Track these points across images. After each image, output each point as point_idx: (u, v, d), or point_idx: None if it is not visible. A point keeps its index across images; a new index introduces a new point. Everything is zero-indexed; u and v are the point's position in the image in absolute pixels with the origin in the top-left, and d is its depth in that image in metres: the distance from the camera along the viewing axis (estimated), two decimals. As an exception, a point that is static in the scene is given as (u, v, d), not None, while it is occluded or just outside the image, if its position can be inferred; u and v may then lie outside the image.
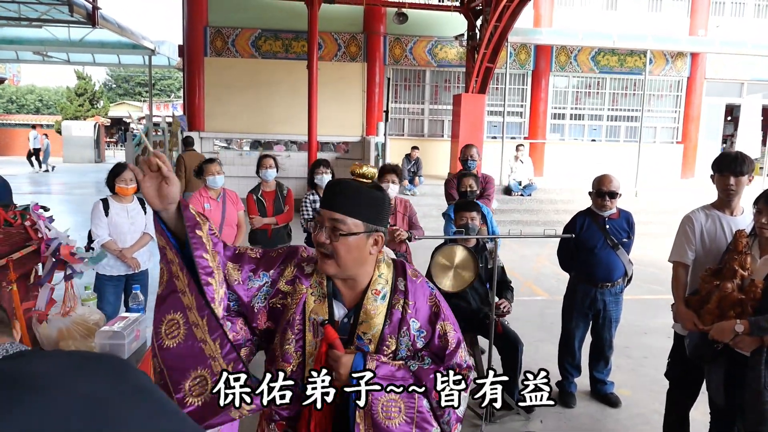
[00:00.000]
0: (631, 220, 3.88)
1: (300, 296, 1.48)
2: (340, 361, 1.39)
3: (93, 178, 17.91)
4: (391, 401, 1.38)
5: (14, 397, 0.90)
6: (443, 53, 13.35)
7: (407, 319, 1.49)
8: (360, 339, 1.47)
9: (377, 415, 1.37)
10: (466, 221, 3.74)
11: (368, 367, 1.38)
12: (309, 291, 1.49)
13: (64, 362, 1.06)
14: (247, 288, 1.48)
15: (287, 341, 1.47)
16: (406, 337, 1.49)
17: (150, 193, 1.36)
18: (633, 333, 5.20)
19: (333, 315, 1.48)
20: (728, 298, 2.49)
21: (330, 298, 1.49)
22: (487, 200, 5.25)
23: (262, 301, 1.48)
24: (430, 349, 1.52)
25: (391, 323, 1.48)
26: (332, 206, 1.44)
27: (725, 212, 2.93)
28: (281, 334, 1.49)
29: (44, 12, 12.29)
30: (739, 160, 2.82)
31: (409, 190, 10.87)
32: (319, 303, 1.48)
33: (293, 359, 1.46)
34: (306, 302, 1.48)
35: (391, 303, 1.50)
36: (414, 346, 1.50)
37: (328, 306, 1.48)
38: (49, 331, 2.23)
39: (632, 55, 13.80)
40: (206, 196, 4.58)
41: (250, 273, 1.49)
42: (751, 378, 2.39)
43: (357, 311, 1.49)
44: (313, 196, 4.89)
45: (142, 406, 1.07)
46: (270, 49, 12.91)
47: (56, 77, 53.49)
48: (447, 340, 1.52)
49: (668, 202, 11.01)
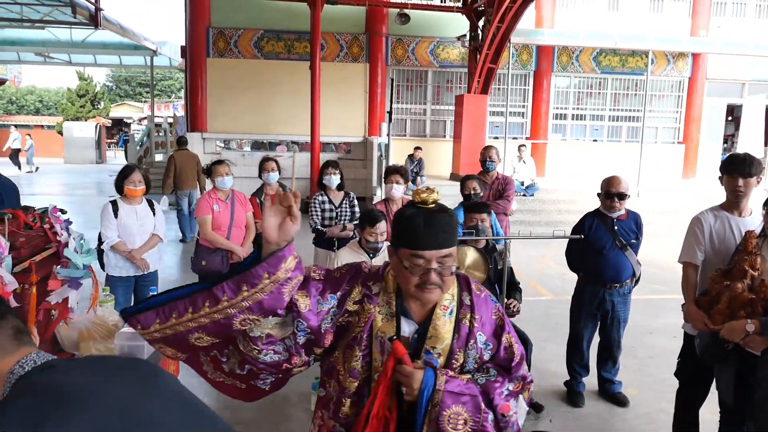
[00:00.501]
0: (640, 221, 3.91)
1: (368, 315, 1.50)
2: (412, 376, 1.42)
3: (94, 178, 17.91)
4: (457, 414, 1.42)
5: (58, 412, 0.91)
6: (445, 54, 13.38)
7: (474, 332, 1.53)
8: (429, 353, 1.51)
9: (443, 426, 1.42)
10: (476, 222, 3.76)
11: (439, 381, 1.43)
12: (377, 310, 1.51)
13: (96, 371, 1.08)
14: (317, 312, 1.47)
15: (354, 358, 1.49)
16: (474, 350, 1.53)
17: (271, 225, 1.35)
18: (638, 333, 5.23)
19: (401, 332, 1.51)
20: (738, 298, 2.51)
21: (398, 316, 1.51)
22: (506, 201, 5.26)
23: (329, 323, 1.48)
24: (495, 361, 1.56)
25: (460, 337, 1.52)
26: (438, 245, 1.44)
27: (734, 213, 2.96)
28: (346, 351, 1.51)
29: (47, 13, 12.31)
30: (748, 161, 2.85)
31: (411, 190, 10.89)
32: (387, 321, 1.51)
33: (359, 375, 1.50)
34: (374, 321, 1.50)
35: (458, 318, 1.53)
36: (481, 358, 1.54)
37: (396, 324, 1.51)
38: (70, 333, 2.26)
39: (634, 55, 13.83)
40: (215, 198, 4.61)
41: (318, 296, 1.48)
42: (762, 377, 2.42)
43: (425, 327, 1.51)
44: (322, 197, 4.92)
45: (177, 413, 1.09)
46: (272, 50, 12.93)
47: (57, 78, 53.53)
48: (513, 352, 1.56)
49: (670, 203, 11.04)
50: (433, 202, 1.48)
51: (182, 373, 3.58)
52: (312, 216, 4.87)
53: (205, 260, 4.49)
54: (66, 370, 1.06)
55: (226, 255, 4.54)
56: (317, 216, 4.86)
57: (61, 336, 2.26)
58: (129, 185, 4.15)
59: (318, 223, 4.85)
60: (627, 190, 3.79)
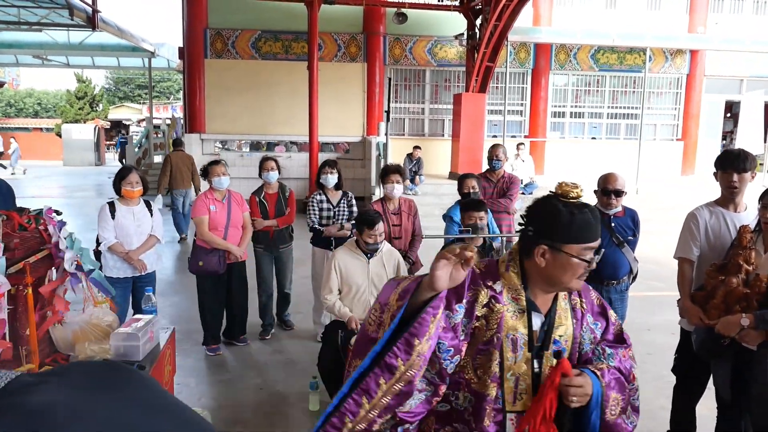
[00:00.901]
0: (637, 218, 3.90)
1: (498, 316, 1.49)
2: (586, 385, 1.46)
3: (93, 181, 17.92)
4: (615, 400, 1.52)
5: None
6: (443, 53, 13.38)
7: (585, 315, 1.61)
8: (557, 342, 1.55)
9: (608, 416, 1.50)
10: (474, 221, 3.76)
11: (602, 381, 1.49)
12: (505, 308, 1.50)
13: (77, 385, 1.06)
14: (452, 327, 1.45)
15: (492, 361, 1.48)
16: (588, 332, 1.61)
17: (444, 275, 1.33)
18: (635, 329, 5.22)
19: (532, 327, 1.52)
20: (734, 292, 2.52)
21: (529, 312, 1.52)
22: (509, 200, 5.27)
23: (463, 335, 1.47)
24: (605, 337, 1.64)
25: (577, 322, 1.59)
26: (599, 234, 1.50)
27: (729, 209, 2.96)
28: (478, 356, 1.49)
29: (44, 16, 12.32)
30: (742, 157, 2.85)
31: (410, 190, 10.89)
32: (516, 318, 1.51)
33: (497, 377, 1.49)
34: (504, 320, 1.50)
35: (572, 304, 1.60)
36: (595, 339, 1.62)
37: (528, 319, 1.52)
38: (64, 334, 2.26)
39: (632, 52, 13.83)
40: (212, 198, 4.61)
41: (447, 311, 1.44)
42: (758, 372, 2.42)
43: (551, 317, 1.56)
44: (320, 196, 4.92)
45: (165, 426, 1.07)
46: (270, 51, 12.93)
47: (55, 81, 53.54)
48: (618, 324, 1.67)
49: (668, 199, 11.05)
50: (577, 197, 1.51)
51: (179, 372, 3.59)
52: (310, 215, 4.88)
53: (202, 260, 4.49)
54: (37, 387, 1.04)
55: (223, 255, 4.54)
56: (315, 215, 4.87)
57: (55, 336, 2.26)
58: (126, 186, 4.15)
59: (316, 222, 4.85)
60: (623, 187, 3.78)
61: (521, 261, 1.55)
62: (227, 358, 4.66)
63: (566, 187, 1.48)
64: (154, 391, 1.17)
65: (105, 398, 1.03)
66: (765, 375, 2.40)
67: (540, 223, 1.50)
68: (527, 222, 1.54)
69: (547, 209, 1.49)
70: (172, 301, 6.05)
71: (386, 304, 1.39)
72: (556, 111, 14.16)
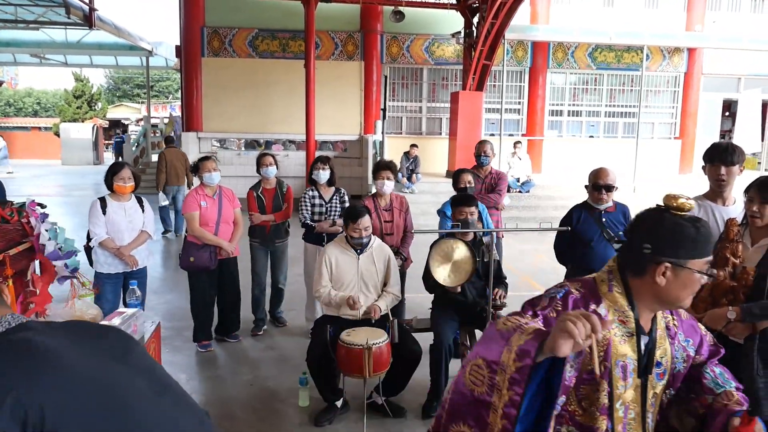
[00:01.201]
0: (628, 214, 3.89)
1: (606, 342, 1.41)
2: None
3: (91, 179, 17.91)
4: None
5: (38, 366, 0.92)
6: (440, 51, 13.36)
7: (678, 333, 1.54)
8: (659, 364, 1.48)
9: None
10: (465, 216, 3.76)
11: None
12: (612, 333, 1.42)
13: (68, 335, 1.07)
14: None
15: (600, 392, 1.40)
16: (680, 350, 1.53)
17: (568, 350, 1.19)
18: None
19: (641, 350, 1.44)
20: (720, 285, 2.50)
21: (638, 334, 1.44)
22: (497, 195, 5.27)
23: (571, 371, 1.36)
24: (700, 353, 1.57)
25: (672, 340, 1.53)
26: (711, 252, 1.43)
27: (717, 202, 2.95)
28: (585, 386, 1.41)
29: (41, 14, 12.31)
30: (730, 150, 2.84)
31: (407, 188, 10.89)
32: (625, 342, 1.43)
33: (606, 409, 1.41)
34: (612, 346, 1.41)
35: (665, 321, 1.53)
36: (689, 357, 1.55)
37: (637, 343, 1.44)
38: (46, 326, 2.24)
39: (629, 51, 13.82)
40: (203, 194, 4.60)
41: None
42: (745, 365, 2.41)
43: (652, 337, 1.48)
44: (312, 192, 4.91)
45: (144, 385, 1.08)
46: (267, 49, 12.92)
47: (54, 80, 53.52)
48: (709, 335, 1.61)
49: (666, 197, 11.03)
50: (689, 209, 1.44)
51: (169, 368, 3.58)
52: (302, 211, 4.87)
53: (193, 256, 4.48)
54: (40, 332, 1.07)
55: (214, 251, 4.53)
56: (307, 211, 4.86)
57: (37, 329, 2.24)
58: (118, 182, 4.14)
59: (308, 218, 4.84)
60: (614, 182, 3.77)
61: (624, 279, 1.46)
62: (218, 354, 4.65)
63: (681, 201, 1.40)
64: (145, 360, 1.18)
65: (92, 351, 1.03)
66: (752, 368, 2.39)
67: (660, 240, 1.40)
68: (641, 239, 1.43)
69: (668, 225, 1.40)
70: (165, 299, 6.05)
71: (498, 363, 1.24)
72: (554, 109, 14.14)
